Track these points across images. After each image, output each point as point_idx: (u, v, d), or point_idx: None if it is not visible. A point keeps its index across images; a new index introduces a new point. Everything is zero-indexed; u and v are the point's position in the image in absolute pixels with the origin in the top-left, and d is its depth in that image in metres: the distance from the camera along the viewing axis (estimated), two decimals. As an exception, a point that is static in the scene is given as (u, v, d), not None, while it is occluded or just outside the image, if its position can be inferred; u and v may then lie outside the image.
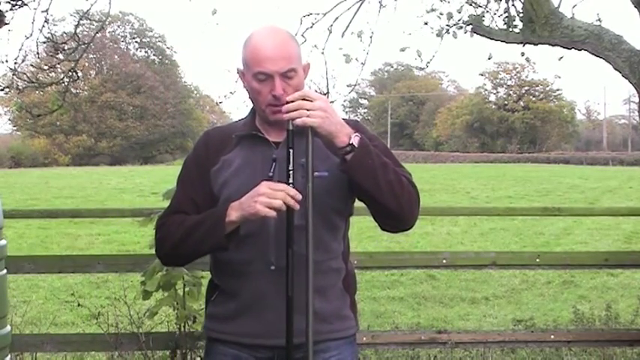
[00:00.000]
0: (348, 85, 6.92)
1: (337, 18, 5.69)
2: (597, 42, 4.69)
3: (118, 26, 59.06)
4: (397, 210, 1.88)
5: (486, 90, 65.33)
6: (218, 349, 2.04)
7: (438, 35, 5.57)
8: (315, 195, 1.84)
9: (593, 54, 4.78)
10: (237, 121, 2.13)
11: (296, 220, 1.86)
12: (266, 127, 2.00)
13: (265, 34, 1.94)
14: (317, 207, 1.84)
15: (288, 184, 1.85)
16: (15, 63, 5.13)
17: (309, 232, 1.82)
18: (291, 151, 1.84)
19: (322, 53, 5.76)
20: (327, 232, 1.95)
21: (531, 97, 61.87)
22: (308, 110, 1.80)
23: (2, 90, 5.60)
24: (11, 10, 4.80)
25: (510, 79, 63.82)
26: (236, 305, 1.97)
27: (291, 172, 1.84)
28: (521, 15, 5.08)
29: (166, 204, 3.69)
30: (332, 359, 1.99)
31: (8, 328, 2.43)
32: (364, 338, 4.12)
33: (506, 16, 5.24)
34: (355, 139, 1.83)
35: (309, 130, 1.82)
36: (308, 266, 1.81)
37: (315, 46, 5.74)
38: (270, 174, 1.94)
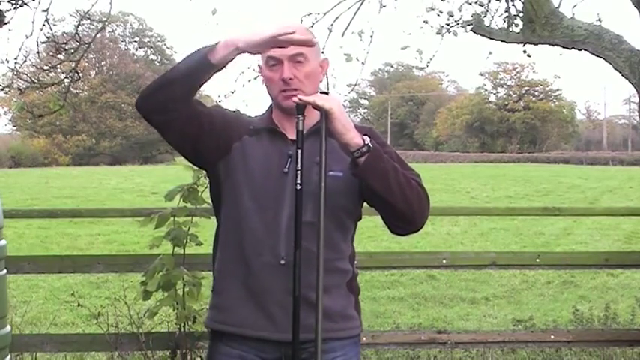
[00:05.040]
0: (348, 85, 6.92)
1: (337, 17, 5.68)
2: (597, 42, 4.68)
3: (118, 26, 59.05)
4: (408, 212, 1.92)
5: (486, 90, 65.33)
6: (222, 349, 2.02)
7: (438, 33, 5.56)
8: (328, 194, 1.86)
9: (593, 54, 4.78)
10: (254, 116, 2.14)
11: (308, 218, 1.89)
12: (283, 124, 2.03)
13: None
14: (329, 206, 1.87)
15: (296, 184, 1.86)
16: (15, 63, 5.13)
17: (320, 230, 1.83)
18: (299, 151, 1.87)
19: (322, 53, 5.75)
20: (338, 231, 1.98)
21: (531, 97, 61.84)
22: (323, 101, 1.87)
23: (2, 90, 5.60)
24: (11, 9, 4.80)
25: (510, 79, 63.80)
26: (241, 295, 1.97)
27: (298, 172, 1.87)
28: (521, 15, 5.08)
29: (167, 204, 3.72)
30: (338, 358, 1.99)
31: (8, 328, 2.43)
32: (364, 338, 4.11)
33: (507, 16, 5.24)
34: (369, 142, 1.87)
35: (324, 125, 1.85)
36: (318, 264, 1.83)
37: (315, 45, 5.74)
38: (285, 170, 1.97)
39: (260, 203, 1.96)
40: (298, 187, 1.87)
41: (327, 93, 1.92)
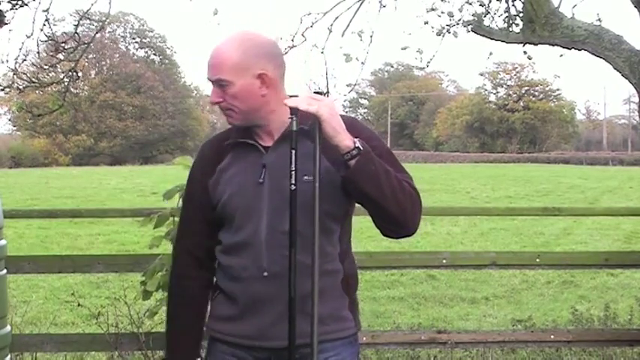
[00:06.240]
0: (348, 85, 6.93)
1: (337, 17, 5.69)
2: (597, 42, 4.69)
3: (118, 26, 59.07)
4: (400, 216, 1.89)
5: (486, 90, 65.38)
6: (219, 347, 2.06)
7: (438, 34, 5.57)
8: (306, 201, 1.84)
9: (593, 54, 4.78)
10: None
11: (287, 227, 1.88)
12: (256, 131, 2.01)
13: (221, 40, 1.97)
14: (308, 211, 1.84)
15: (290, 184, 1.84)
16: (15, 63, 5.14)
17: (315, 235, 1.82)
18: (293, 151, 1.84)
19: (322, 53, 5.76)
20: (321, 236, 1.91)
21: (531, 97, 61.88)
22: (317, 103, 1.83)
23: (2, 90, 5.60)
24: (12, 9, 4.80)
25: (510, 79, 63.84)
26: (234, 308, 2.00)
27: (293, 172, 1.84)
28: (521, 15, 5.08)
29: (166, 204, 3.71)
30: (330, 358, 1.98)
31: (8, 328, 2.43)
32: (364, 338, 4.11)
33: (507, 16, 5.25)
34: (359, 144, 1.83)
35: (317, 128, 1.82)
36: (313, 270, 1.82)
37: (316, 45, 5.75)
38: (261, 180, 1.95)
39: (241, 219, 1.97)
40: (293, 187, 1.85)
41: (321, 93, 1.88)
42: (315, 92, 1.88)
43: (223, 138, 2.08)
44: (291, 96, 1.95)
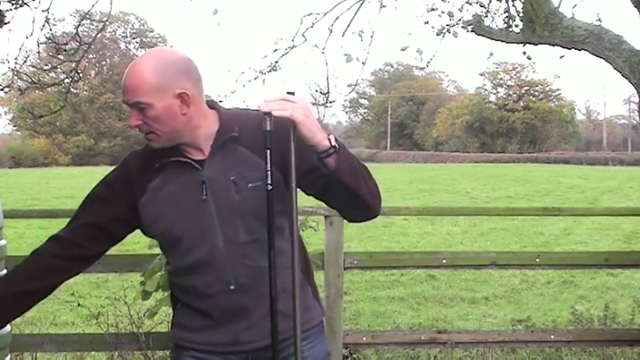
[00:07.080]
0: (348, 85, 6.93)
1: (338, 18, 5.69)
2: (597, 42, 4.69)
3: (118, 26, 59.10)
4: (371, 200, 1.90)
5: (486, 90, 65.41)
6: (190, 353, 2.04)
7: (438, 34, 5.57)
8: (257, 208, 1.85)
9: (593, 54, 4.78)
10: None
11: (243, 238, 1.90)
12: (185, 149, 1.95)
13: (135, 61, 1.92)
14: (262, 219, 1.83)
15: (266, 184, 1.81)
16: (16, 63, 5.13)
17: (294, 236, 1.80)
18: (268, 151, 1.80)
19: (323, 53, 5.76)
20: (276, 235, 1.87)
21: (531, 97, 61.90)
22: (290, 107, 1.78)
23: (2, 90, 5.59)
24: (12, 9, 4.80)
25: (510, 79, 63.87)
26: (206, 320, 1.99)
27: (268, 172, 1.80)
28: (521, 15, 5.08)
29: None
30: (303, 348, 1.95)
31: (8, 328, 2.44)
32: (364, 338, 4.12)
33: (507, 16, 5.25)
34: (334, 141, 1.82)
35: (292, 131, 1.78)
36: (293, 269, 1.80)
37: (316, 45, 5.75)
38: (204, 197, 1.92)
39: (191, 240, 1.94)
40: (269, 187, 1.81)
41: (293, 93, 1.82)
42: (287, 92, 1.82)
43: (152, 155, 1.98)
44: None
